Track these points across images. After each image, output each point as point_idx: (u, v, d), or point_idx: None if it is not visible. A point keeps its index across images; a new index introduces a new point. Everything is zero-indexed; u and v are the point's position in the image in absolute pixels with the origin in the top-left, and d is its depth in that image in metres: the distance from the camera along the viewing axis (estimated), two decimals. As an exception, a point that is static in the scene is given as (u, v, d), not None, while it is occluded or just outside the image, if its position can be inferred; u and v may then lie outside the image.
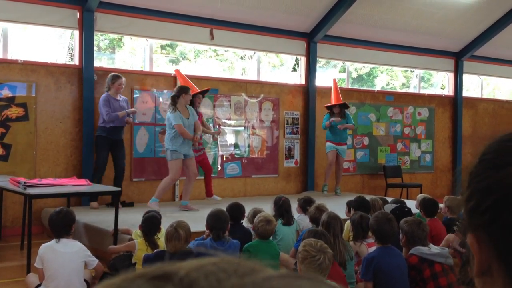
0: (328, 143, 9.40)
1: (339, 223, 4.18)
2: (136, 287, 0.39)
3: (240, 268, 0.41)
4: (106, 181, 7.55)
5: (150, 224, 4.59)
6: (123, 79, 7.58)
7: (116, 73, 7.64)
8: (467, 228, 0.74)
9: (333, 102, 9.36)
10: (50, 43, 8.76)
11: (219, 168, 9.07)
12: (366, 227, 4.29)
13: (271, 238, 4.62)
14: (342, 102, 9.31)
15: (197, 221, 5.43)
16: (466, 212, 0.74)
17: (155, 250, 4.29)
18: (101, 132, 7.39)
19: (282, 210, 5.28)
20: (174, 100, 7.08)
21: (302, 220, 5.48)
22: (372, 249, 4.13)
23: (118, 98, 7.51)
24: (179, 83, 7.89)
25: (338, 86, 9.69)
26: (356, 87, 11.40)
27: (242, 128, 9.31)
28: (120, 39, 9.76)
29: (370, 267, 3.66)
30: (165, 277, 0.40)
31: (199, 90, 7.75)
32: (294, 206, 5.78)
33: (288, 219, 5.28)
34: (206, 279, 0.39)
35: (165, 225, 4.94)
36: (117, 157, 7.53)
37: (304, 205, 5.60)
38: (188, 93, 7.14)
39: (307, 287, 0.40)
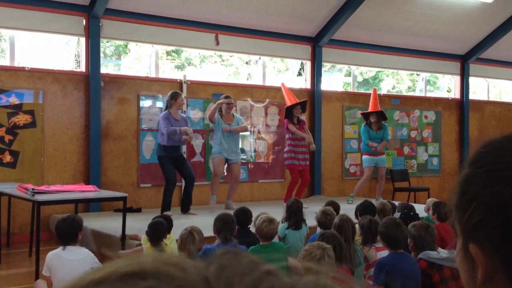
0: (366, 157, 8.93)
1: (351, 226, 4.16)
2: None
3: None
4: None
5: (154, 230, 4.58)
6: (183, 95, 7.59)
7: (176, 90, 7.50)
8: (469, 239, 0.75)
9: (370, 109, 8.98)
10: (56, 50, 8.81)
11: (225, 173, 9.06)
12: (375, 231, 4.26)
13: (277, 240, 4.59)
14: (380, 109, 8.94)
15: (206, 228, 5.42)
16: (470, 224, 0.74)
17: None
18: (161, 152, 7.24)
19: (292, 213, 5.23)
20: (220, 108, 7.82)
21: None
22: (381, 253, 4.11)
23: (178, 117, 7.28)
24: (285, 96, 8.55)
25: (344, 90, 9.66)
26: (361, 91, 11.38)
27: (248, 133, 9.31)
28: (126, 46, 9.81)
29: (381, 271, 3.65)
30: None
31: (298, 101, 8.33)
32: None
33: (296, 223, 5.21)
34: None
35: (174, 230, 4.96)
36: (183, 170, 7.43)
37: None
38: (225, 100, 7.76)
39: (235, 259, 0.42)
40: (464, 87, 12.13)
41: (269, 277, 0.40)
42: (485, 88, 13.12)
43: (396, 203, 6.33)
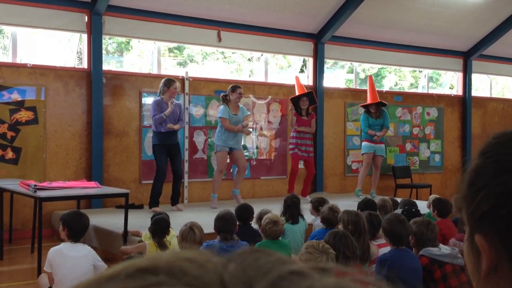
0: (366, 143, 9.00)
1: (363, 221, 4.16)
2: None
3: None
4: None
5: (158, 226, 4.61)
6: (177, 83, 7.46)
7: (170, 78, 7.48)
8: (475, 229, 0.74)
9: (369, 101, 9.04)
10: (58, 47, 8.81)
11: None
12: (378, 225, 4.26)
13: (280, 238, 4.61)
14: (379, 101, 9.00)
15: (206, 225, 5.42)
16: (476, 214, 0.74)
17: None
18: (155, 140, 7.28)
19: (288, 208, 5.26)
20: (224, 97, 7.72)
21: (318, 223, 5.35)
22: (382, 249, 4.11)
23: (172, 102, 7.27)
24: (296, 89, 8.80)
25: (347, 86, 9.64)
26: (364, 87, 11.35)
27: (250, 129, 9.31)
28: (128, 42, 9.80)
29: (383, 267, 3.65)
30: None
31: (306, 91, 8.55)
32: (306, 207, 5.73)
33: (294, 218, 5.23)
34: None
35: (174, 225, 4.96)
36: (173, 163, 7.42)
37: (317, 206, 5.51)
38: (235, 91, 7.67)
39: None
40: (467, 83, 12.11)
41: (290, 277, 0.38)
42: (488, 84, 13.09)
43: (398, 199, 6.33)
